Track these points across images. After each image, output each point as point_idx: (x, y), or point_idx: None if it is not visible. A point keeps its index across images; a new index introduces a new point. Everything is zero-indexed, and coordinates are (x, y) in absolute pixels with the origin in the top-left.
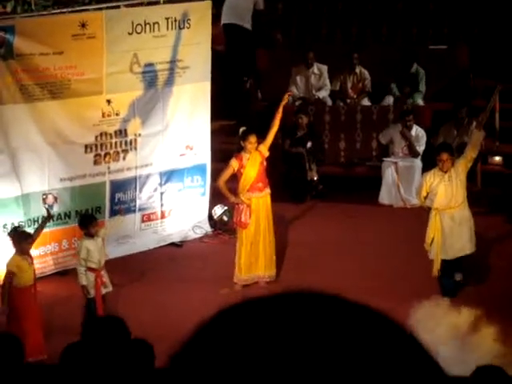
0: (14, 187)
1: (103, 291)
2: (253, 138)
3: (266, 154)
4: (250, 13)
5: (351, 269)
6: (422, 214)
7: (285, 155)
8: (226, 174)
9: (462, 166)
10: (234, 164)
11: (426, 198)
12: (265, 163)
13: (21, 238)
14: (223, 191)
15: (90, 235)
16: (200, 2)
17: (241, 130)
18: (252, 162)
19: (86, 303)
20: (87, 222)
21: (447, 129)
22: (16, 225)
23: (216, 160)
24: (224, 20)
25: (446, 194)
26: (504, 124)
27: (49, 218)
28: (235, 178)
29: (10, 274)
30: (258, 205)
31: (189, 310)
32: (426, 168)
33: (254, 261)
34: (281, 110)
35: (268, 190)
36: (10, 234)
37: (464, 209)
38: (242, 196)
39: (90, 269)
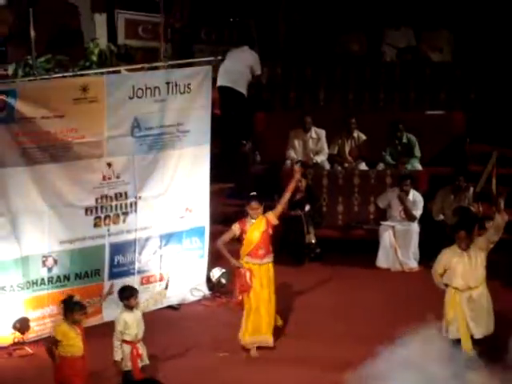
0: (14, 249)
1: (140, 364)
2: (255, 204)
3: (274, 221)
4: (244, 77)
5: (349, 334)
6: (419, 278)
7: (283, 218)
8: (226, 237)
9: (482, 246)
10: (234, 228)
11: (442, 275)
12: (270, 231)
13: (74, 308)
14: (222, 253)
15: (130, 307)
16: (201, 67)
17: (249, 194)
18: (255, 227)
19: (123, 377)
20: (128, 294)
21: (445, 193)
22: (71, 294)
23: (214, 222)
24: (219, 83)
25: (464, 273)
26: (501, 189)
27: (109, 293)
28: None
29: (53, 340)
30: (259, 272)
31: (188, 373)
32: (424, 232)
33: (258, 326)
34: (294, 181)
35: (270, 259)
36: (63, 301)
37: (483, 289)
38: (242, 260)
39: (125, 341)
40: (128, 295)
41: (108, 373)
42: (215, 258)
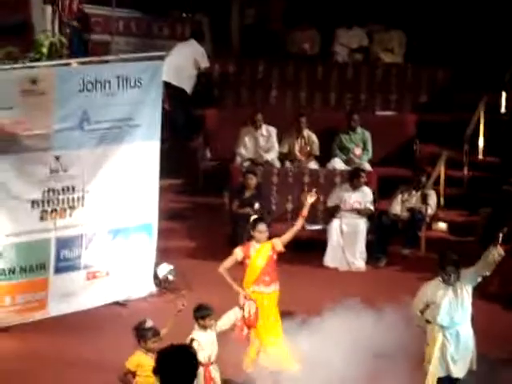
0: None
1: None
2: (262, 227)
3: (279, 248)
4: (186, 72)
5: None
6: (365, 278)
7: (232, 216)
8: (229, 262)
9: (469, 279)
10: (237, 252)
11: (423, 312)
12: (275, 257)
13: (147, 335)
14: (226, 279)
15: (204, 327)
16: (152, 62)
17: (252, 218)
18: (260, 252)
19: None
20: (204, 313)
21: (406, 188)
22: (144, 320)
23: (162, 219)
24: (163, 78)
25: (450, 309)
26: (449, 191)
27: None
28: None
29: (127, 373)
30: (262, 303)
31: None
32: (372, 232)
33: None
34: (306, 210)
35: (276, 287)
36: (135, 328)
37: (469, 327)
38: (247, 289)
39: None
40: (204, 315)
41: None
42: (163, 256)
